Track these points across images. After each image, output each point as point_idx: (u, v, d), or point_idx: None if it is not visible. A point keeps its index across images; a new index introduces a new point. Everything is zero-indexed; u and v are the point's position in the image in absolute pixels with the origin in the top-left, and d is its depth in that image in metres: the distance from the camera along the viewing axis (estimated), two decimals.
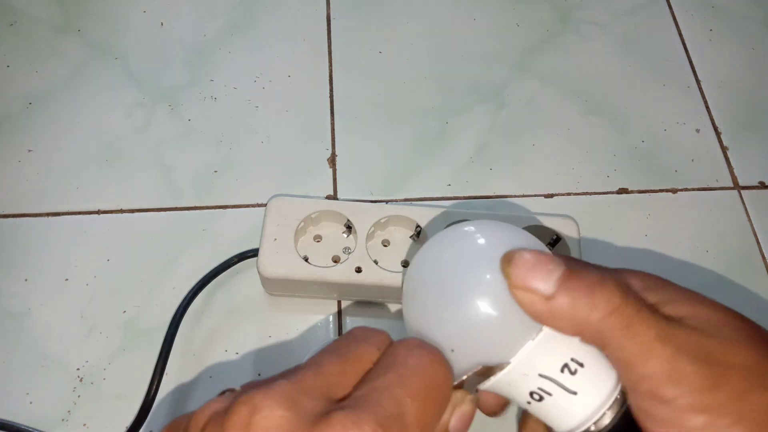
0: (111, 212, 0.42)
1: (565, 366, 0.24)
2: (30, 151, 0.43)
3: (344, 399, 0.20)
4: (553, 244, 0.39)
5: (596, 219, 0.43)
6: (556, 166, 0.45)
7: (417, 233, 0.39)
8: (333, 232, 0.39)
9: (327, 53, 0.49)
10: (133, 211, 0.42)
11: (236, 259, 0.38)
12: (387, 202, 0.43)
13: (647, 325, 0.22)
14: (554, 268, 0.23)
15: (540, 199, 0.44)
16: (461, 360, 0.24)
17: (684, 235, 0.44)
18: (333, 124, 0.46)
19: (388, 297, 0.39)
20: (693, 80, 0.50)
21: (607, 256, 0.42)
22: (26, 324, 0.38)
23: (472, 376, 0.24)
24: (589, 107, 0.48)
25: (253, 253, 0.38)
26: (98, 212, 0.42)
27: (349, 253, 0.38)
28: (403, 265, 0.38)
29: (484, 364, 0.24)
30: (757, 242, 0.44)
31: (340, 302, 0.39)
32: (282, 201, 0.38)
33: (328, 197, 0.43)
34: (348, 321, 0.39)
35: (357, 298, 0.39)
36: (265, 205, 0.39)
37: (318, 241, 0.39)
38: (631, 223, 0.44)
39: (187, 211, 0.42)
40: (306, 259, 0.37)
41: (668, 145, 0.47)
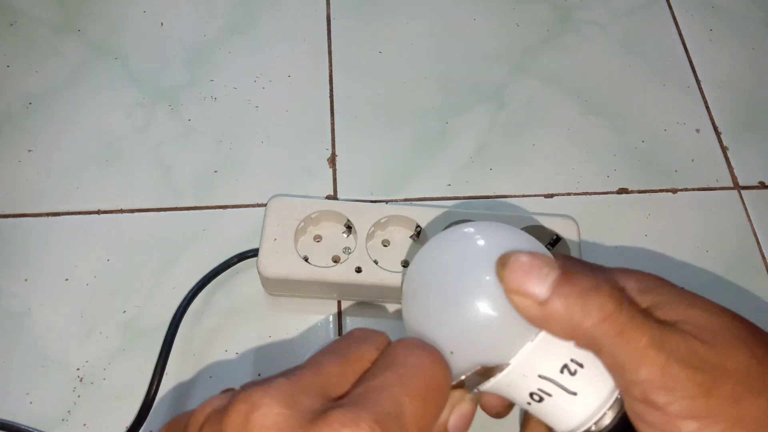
0: (111, 212, 0.42)
1: (565, 367, 0.24)
2: (30, 151, 0.43)
3: (343, 398, 0.20)
4: (553, 244, 0.39)
5: (596, 219, 0.43)
6: (556, 166, 0.45)
7: (417, 233, 0.39)
8: (333, 232, 0.39)
9: (327, 53, 0.49)
10: (133, 211, 0.42)
11: (236, 259, 0.38)
12: (387, 202, 0.43)
13: (640, 331, 0.22)
14: (549, 273, 0.22)
15: (540, 199, 0.44)
16: (460, 360, 0.24)
17: (684, 235, 0.44)
18: (333, 124, 0.46)
19: (388, 297, 0.39)
20: (693, 80, 0.50)
21: (606, 256, 0.42)
22: (26, 324, 0.38)
23: (472, 376, 0.24)
24: (589, 107, 0.48)
25: (253, 253, 0.38)
26: (98, 212, 0.42)
27: (349, 253, 0.38)
28: (403, 265, 0.38)
29: (484, 365, 0.24)
30: (757, 242, 0.44)
31: (340, 302, 0.39)
32: (282, 201, 0.39)
33: (328, 197, 0.43)
34: (348, 321, 0.39)
35: (357, 298, 0.39)
36: (265, 205, 0.39)
37: (318, 241, 0.39)
38: (631, 223, 0.44)
39: (187, 211, 0.42)
40: (306, 259, 0.37)
41: (668, 145, 0.47)
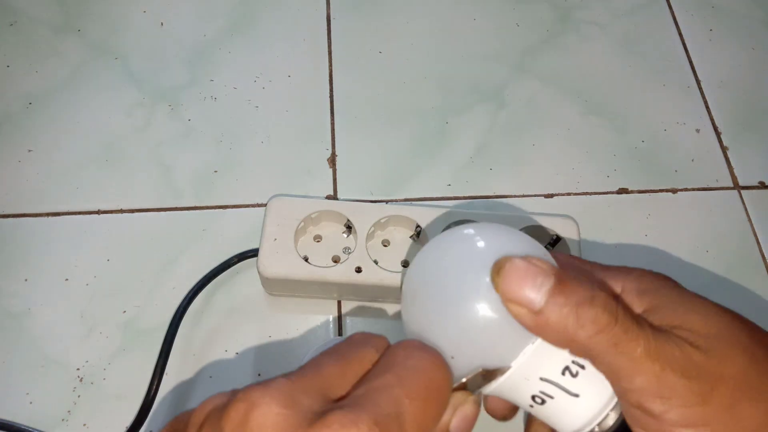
0: (111, 212, 0.42)
1: (566, 368, 0.24)
2: (30, 151, 0.43)
3: (343, 399, 0.20)
4: (553, 244, 0.39)
5: (596, 219, 0.43)
6: (556, 166, 0.45)
7: (417, 233, 0.39)
8: (333, 232, 0.39)
9: (327, 53, 0.49)
10: (133, 211, 0.42)
11: (236, 259, 0.38)
12: (387, 202, 0.43)
13: (635, 342, 0.22)
14: (543, 282, 0.22)
15: (540, 199, 0.44)
16: (461, 363, 0.24)
17: (684, 235, 0.44)
18: (333, 124, 0.46)
19: (388, 297, 0.39)
20: (693, 80, 0.50)
21: (607, 256, 0.42)
22: (26, 324, 0.38)
23: (474, 379, 0.24)
24: (589, 107, 0.48)
25: (253, 253, 0.38)
26: (98, 212, 0.42)
27: (349, 253, 0.38)
28: (403, 265, 0.38)
29: (485, 368, 0.23)
30: (757, 242, 0.44)
31: (340, 302, 0.39)
32: (282, 201, 0.38)
33: (328, 197, 0.43)
34: (348, 321, 0.39)
35: (357, 298, 0.39)
36: (265, 205, 0.39)
37: (318, 241, 0.39)
38: (631, 223, 0.44)
39: (187, 211, 0.42)
40: (306, 259, 0.37)
41: (668, 145, 0.47)
